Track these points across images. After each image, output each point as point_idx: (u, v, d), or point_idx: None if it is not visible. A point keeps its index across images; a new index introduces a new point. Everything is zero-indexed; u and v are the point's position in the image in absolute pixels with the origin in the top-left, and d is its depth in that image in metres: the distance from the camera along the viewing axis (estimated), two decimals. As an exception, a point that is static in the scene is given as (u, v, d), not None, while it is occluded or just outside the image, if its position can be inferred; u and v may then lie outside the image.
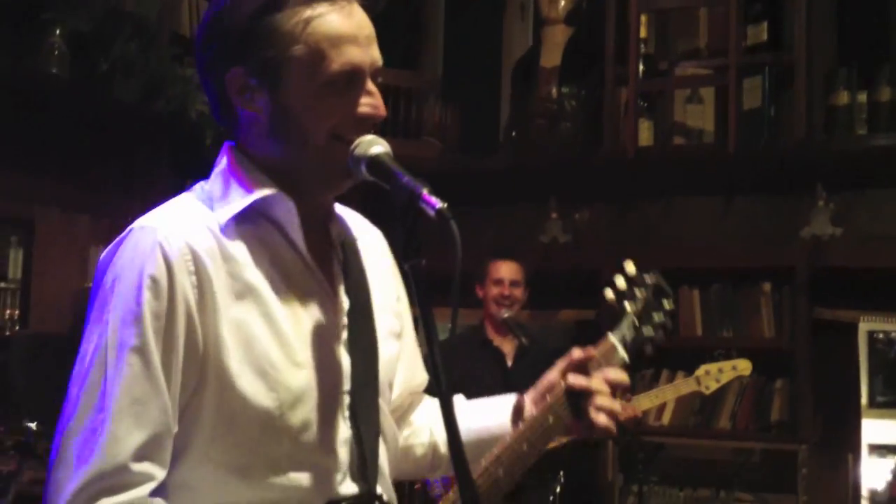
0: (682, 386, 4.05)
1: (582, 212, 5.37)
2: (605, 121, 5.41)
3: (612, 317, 1.76)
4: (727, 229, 5.17)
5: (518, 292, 4.35)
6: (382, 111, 1.44)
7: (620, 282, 1.78)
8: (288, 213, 1.44)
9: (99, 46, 4.09)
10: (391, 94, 5.52)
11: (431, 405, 1.79)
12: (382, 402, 1.53)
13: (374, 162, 1.37)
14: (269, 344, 1.39)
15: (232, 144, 1.51)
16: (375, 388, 1.51)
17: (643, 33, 5.37)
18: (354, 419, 1.47)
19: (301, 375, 1.41)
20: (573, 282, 5.40)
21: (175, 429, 1.37)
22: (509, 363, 4.33)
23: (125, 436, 1.32)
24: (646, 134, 5.33)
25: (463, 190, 5.27)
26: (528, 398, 1.72)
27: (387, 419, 1.55)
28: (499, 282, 4.35)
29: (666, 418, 5.16)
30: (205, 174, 1.53)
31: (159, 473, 1.35)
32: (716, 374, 3.92)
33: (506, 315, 4.32)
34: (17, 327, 3.81)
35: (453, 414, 1.27)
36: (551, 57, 5.60)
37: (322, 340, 1.45)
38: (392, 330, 1.60)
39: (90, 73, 4.06)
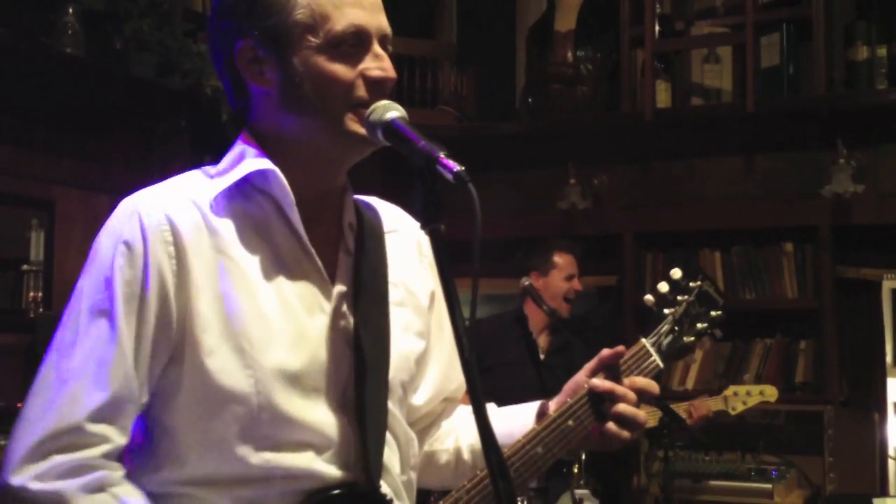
0: (711, 404, 4.20)
1: (601, 177, 5.34)
2: (622, 83, 5.37)
3: (652, 322, 1.71)
4: (748, 189, 5.13)
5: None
6: (392, 73, 1.43)
7: (663, 287, 1.73)
8: (282, 190, 1.43)
9: (113, 24, 4.08)
10: (406, 63, 5.50)
11: (463, 412, 1.73)
12: (392, 400, 1.50)
13: (390, 127, 1.36)
14: (250, 321, 1.39)
15: (243, 133, 1.51)
16: (384, 382, 1.48)
17: (658, -7, 5.31)
18: (356, 411, 1.44)
19: (281, 356, 1.39)
20: (593, 248, 5.38)
21: (143, 398, 1.38)
22: (542, 356, 4.31)
23: (83, 396, 1.33)
24: (663, 95, 5.28)
25: (480, 157, 5.30)
26: (554, 402, 1.65)
27: (396, 418, 1.51)
28: (571, 277, 4.31)
29: (690, 382, 5.15)
30: (222, 149, 1.53)
31: (116, 437, 1.36)
32: (743, 397, 4.11)
33: (527, 283, 4.31)
34: (41, 309, 3.83)
35: (477, 382, 1.24)
36: (566, 20, 5.55)
37: (312, 326, 1.43)
38: (410, 326, 1.56)
39: (105, 51, 4.06)
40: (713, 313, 1.73)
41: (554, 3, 5.75)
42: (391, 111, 1.37)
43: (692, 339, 1.71)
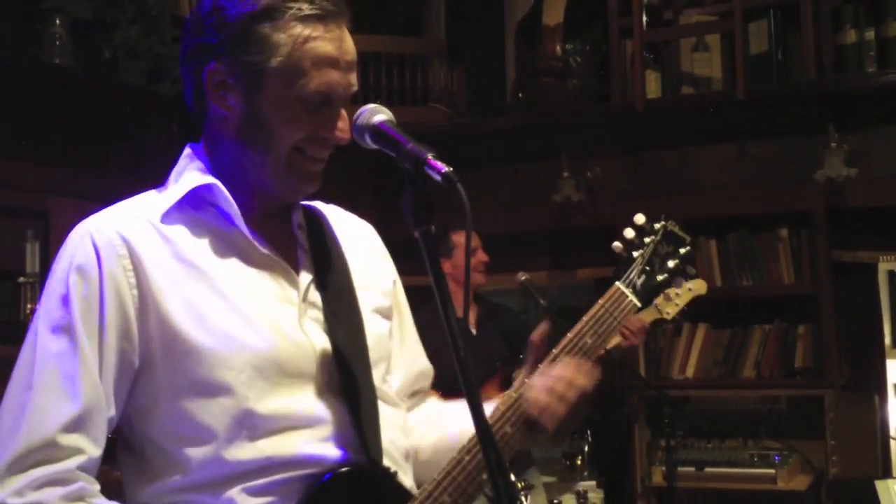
0: (643, 316, 4.05)
1: (594, 169, 5.34)
2: (612, 75, 5.37)
3: (622, 266, 1.76)
4: (741, 176, 5.13)
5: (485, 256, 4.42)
6: (347, 137, 1.46)
7: (629, 232, 1.78)
8: (227, 203, 1.47)
9: (101, 33, 4.08)
10: (396, 62, 5.49)
11: (431, 408, 1.74)
12: (377, 377, 1.53)
13: (378, 130, 1.38)
14: (223, 317, 1.41)
15: (192, 146, 1.55)
16: (365, 361, 1.51)
17: (645, -17, 5.31)
18: (344, 393, 1.46)
19: (260, 345, 1.41)
20: (589, 240, 5.39)
21: (111, 411, 1.39)
22: (473, 331, 4.36)
23: (52, 409, 1.35)
24: (654, 85, 5.28)
25: (473, 153, 5.31)
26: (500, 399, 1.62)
27: (384, 393, 1.54)
28: (474, 251, 4.38)
29: (690, 371, 5.15)
30: (169, 173, 1.57)
31: (90, 448, 1.37)
32: (674, 300, 3.92)
33: (523, 278, 4.34)
34: (39, 319, 3.83)
35: (472, 381, 1.25)
36: (554, 14, 5.55)
37: (283, 315, 1.46)
38: (379, 307, 1.60)
39: (94, 59, 4.06)
40: (682, 250, 1.77)
41: (541, -3, 5.75)
42: (378, 114, 1.39)
43: (665, 275, 1.75)
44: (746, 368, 5.06)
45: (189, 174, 1.50)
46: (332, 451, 1.43)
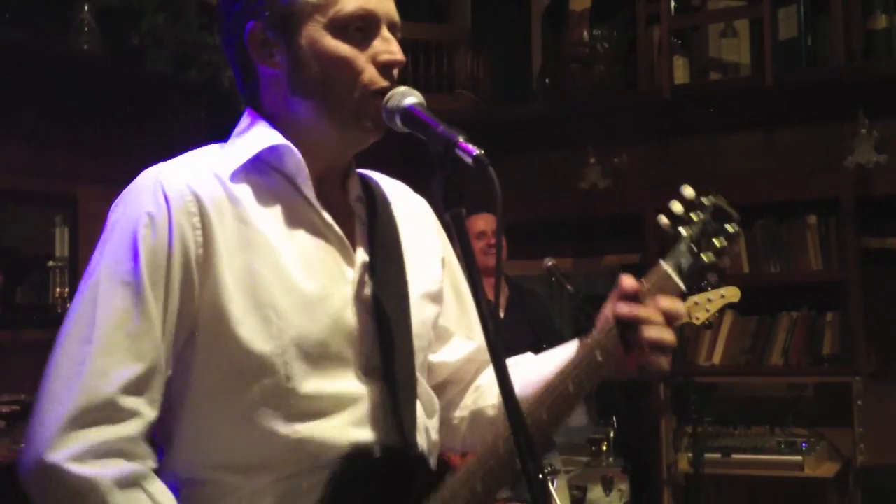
0: None
1: (620, 156, 5.32)
2: (639, 61, 5.34)
3: (667, 244, 1.60)
4: (769, 163, 5.10)
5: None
6: (401, 56, 1.43)
7: (676, 206, 1.60)
8: (297, 166, 1.43)
9: (128, 20, 4.10)
10: (421, 49, 5.49)
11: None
12: (418, 365, 1.50)
13: (408, 113, 1.36)
14: (276, 291, 1.38)
15: (250, 110, 1.51)
16: (408, 348, 1.48)
17: (673, -32, 5.27)
18: (383, 377, 1.44)
19: (307, 324, 1.39)
20: (615, 227, 5.38)
21: (168, 371, 1.36)
22: (501, 314, 4.36)
23: (113, 368, 1.31)
24: (681, 71, 5.25)
25: (499, 140, 5.29)
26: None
27: (420, 383, 1.52)
28: (482, 234, 4.39)
29: (717, 358, 5.13)
30: (231, 133, 1.53)
31: (148, 411, 1.34)
32: (704, 304, 3.86)
33: (550, 264, 4.34)
34: (68, 305, 3.87)
35: (501, 353, 1.25)
36: (581, 0, 5.53)
37: (336, 294, 1.43)
38: (428, 292, 1.57)
39: (121, 47, 4.08)
40: (729, 228, 1.60)
41: (568, -17, 5.72)
42: (409, 97, 1.37)
43: (712, 257, 1.59)
44: (774, 356, 5.04)
45: (256, 134, 1.46)
46: (367, 435, 1.42)
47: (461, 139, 1.27)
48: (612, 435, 4.90)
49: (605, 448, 5.16)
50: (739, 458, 4.80)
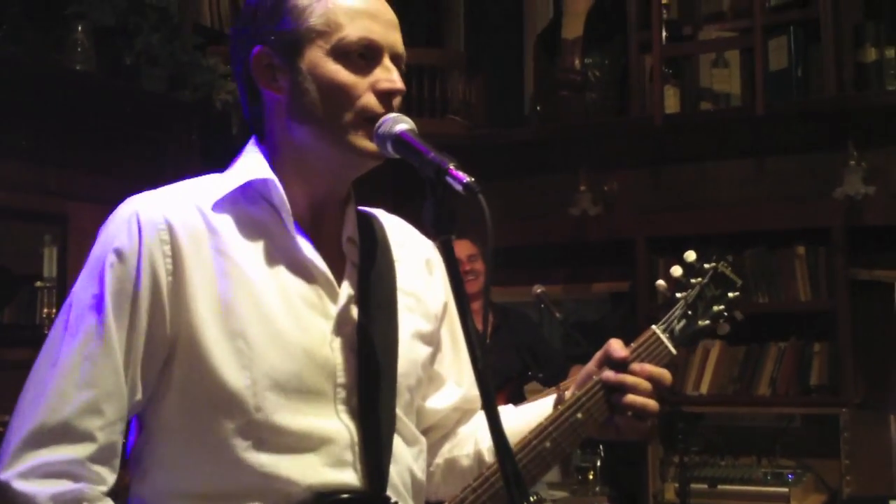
0: None
1: (611, 183, 5.34)
2: (630, 89, 5.37)
3: (663, 307, 1.62)
4: (759, 193, 5.12)
5: (479, 265, 4.40)
6: (400, 85, 1.44)
7: (676, 270, 1.64)
8: (280, 199, 1.44)
9: (123, 39, 4.10)
10: (415, 73, 5.51)
11: (480, 418, 1.66)
12: (400, 405, 1.48)
13: (399, 139, 1.37)
14: (249, 321, 1.38)
15: (255, 139, 1.52)
16: (392, 387, 1.47)
17: (665, -2, 5.31)
18: (361, 416, 1.43)
19: (280, 356, 1.38)
20: (605, 254, 5.39)
21: (137, 396, 1.37)
22: (487, 340, 4.36)
23: (71, 392, 1.34)
24: (672, 100, 5.28)
25: (490, 165, 5.31)
26: (567, 392, 1.59)
27: (403, 423, 1.50)
28: (470, 259, 4.39)
29: (704, 387, 5.13)
30: (233, 160, 1.53)
31: (102, 436, 1.35)
32: None
33: (539, 291, 4.33)
34: (56, 324, 3.85)
35: (490, 389, 1.24)
36: (573, 27, 5.56)
37: (315, 328, 1.42)
38: (420, 332, 1.55)
39: (115, 66, 4.09)
40: (730, 294, 1.63)
41: (561, 10, 5.76)
42: (400, 123, 1.38)
43: (707, 322, 1.61)
44: (762, 385, 5.04)
45: (247, 165, 1.47)
46: (336, 476, 1.40)
47: (452, 166, 1.27)
48: (598, 463, 4.87)
49: (591, 477, 5.13)
50: (726, 489, 4.78)
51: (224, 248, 1.40)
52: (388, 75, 1.43)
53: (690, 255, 1.64)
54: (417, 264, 1.60)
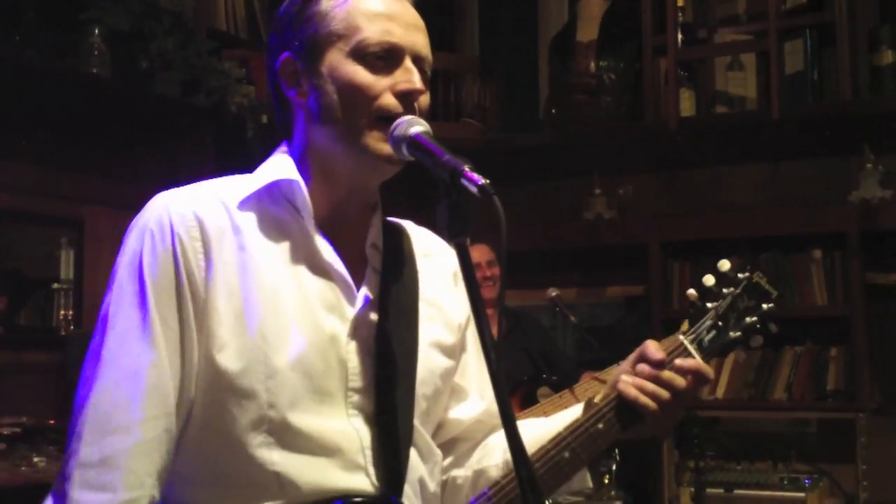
0: None
1: (626, 187, 5.33)
2: (645, 93, 5.36)
3: (693, 317, 1.57)
4: (775, 196, 5.10)
5: (497, 271, 4.37)
6: (419, 86, 1.43)
7: (709, 280, 1.59)
8: (303, 201, 1.45)
9: (138, 44, 4.12)
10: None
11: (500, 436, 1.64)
12: (416, 413, 1.47)
13: (414, 142, 1.36)
14: (265, 319, 1.38)
15: (286, 142, 1.53)
16: (409, 394, 1.46)
17: (680, 1, 5.29)
18: (376, 421, 1.42)
19: (294, 355, 1.38)
20: (620, 257, 5.38)
21: (190, 392, 1.38)
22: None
23: (129, 427, 1.33)
24: (687, 104, 5.27)
25: (505, 169, 5.31)
26: (598, 397, 1.57)
27: (419, 432, 1.48)
28: (476, 266, 4.36)
29: (720, 392, 5.11)
30: (247, 165, 1.55)
31: (152, 487, 1.34)
32: None
33: (553, 294, 4.32)
34: (72, 328, 3.86)
35: (505, 394, 1.24)
36: (588, 31, 5.55)
37: (330, 328, 1.42)
38: (439, 342, 1.54)
39: (130, 71, 4.10)
40: (765, 306, 1.59)
41: (576, 14, 5.75)
42: (415, 126, 1.37)
43: (738, 334, 1.56)
44: (777, 390, 5.01)
45: (274, 166, 1.48)
46: (347, 479, 1.39)
47: (467, 168, 1.27)
48: (614, 468, 4.86)
49: (607, 481, 5.12)
50: (742, 494, 4.76)
51: (246, 246, 1.41)
52: (408, 76, 1.43)
53: (725, 265, 1.60)
54: (443, 275, 1.60)
